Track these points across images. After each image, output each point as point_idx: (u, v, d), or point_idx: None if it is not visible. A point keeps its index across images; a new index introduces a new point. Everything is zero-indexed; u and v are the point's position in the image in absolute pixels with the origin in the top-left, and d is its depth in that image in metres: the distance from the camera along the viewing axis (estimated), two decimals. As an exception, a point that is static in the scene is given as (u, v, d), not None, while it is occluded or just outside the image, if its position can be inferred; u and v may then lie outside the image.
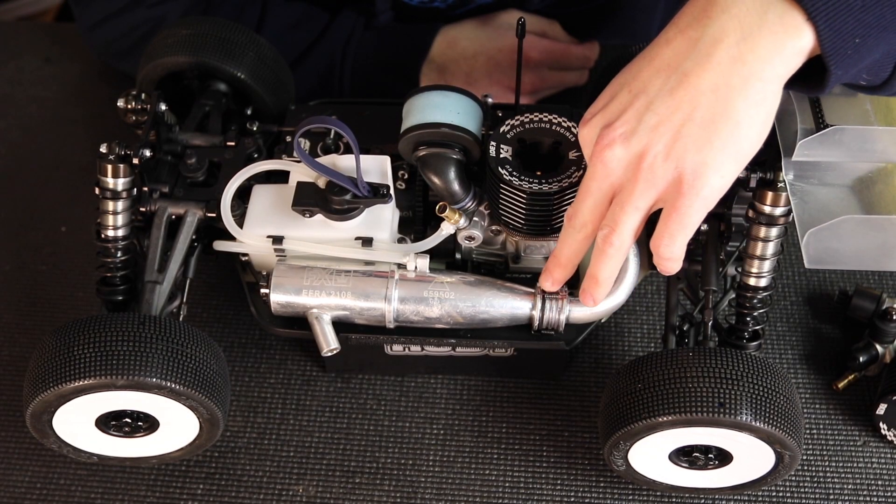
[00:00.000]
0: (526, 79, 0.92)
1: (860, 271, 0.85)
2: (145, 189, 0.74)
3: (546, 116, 0.70)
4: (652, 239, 0.61)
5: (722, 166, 0.58)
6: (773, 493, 0.74)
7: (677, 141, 0.58)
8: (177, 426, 0.71)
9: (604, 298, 0.67)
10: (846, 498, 0.74)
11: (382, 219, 0.71)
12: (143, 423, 0.71)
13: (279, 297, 0.70)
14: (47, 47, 1.07)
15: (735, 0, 0.57)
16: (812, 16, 0.55)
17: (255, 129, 0.78)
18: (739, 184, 0.67)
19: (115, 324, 0.66)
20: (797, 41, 0.56)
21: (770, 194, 0.66)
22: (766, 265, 0.69)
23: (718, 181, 0.59)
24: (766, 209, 0.67)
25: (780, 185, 0.66)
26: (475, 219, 0.71)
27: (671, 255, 0.61)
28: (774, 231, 0.67)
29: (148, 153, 0.73)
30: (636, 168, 0.59)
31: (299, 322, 0.71)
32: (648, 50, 0.60)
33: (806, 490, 0.74)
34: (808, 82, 0.59)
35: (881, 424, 0.75)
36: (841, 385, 0.79)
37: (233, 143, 0.77)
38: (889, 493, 0.74)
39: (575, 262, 0.67)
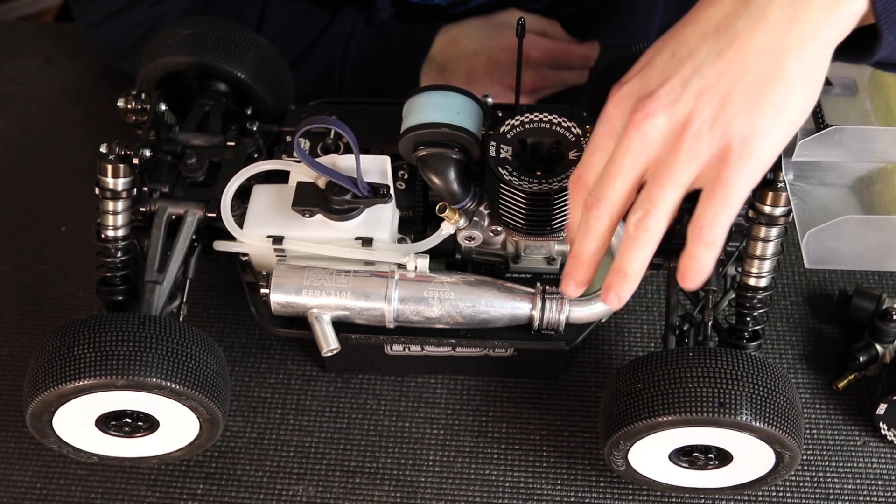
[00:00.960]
0: (526, 77, 0.92)
1: (860, 271, 0.85)
2: (145, 189, 0.74)
3: (546, 116, 0.70)
4: (691, 222, 0.56)
5: (771, 133, 0.54)
6: (773, 493, 0.74)
7: (726, 106, 0.54)
8: (177, 426, 0.71)
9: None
10: (846, 498, 0.74)
11: (382, 219, 0.71)
12: (143, 423, 0.71)
13: (279, 297, 0.70)
14: (47, 47, 1.07)
15: None
16: None
17: (255, 129, 0.78)
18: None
19: (115, 324, 0.66)
20: (851, 4, 0.54)
21: (770, 194, 0.66)
22: (766, 265, 0.69)
23: (767, 150, 0.55)
24: (766, 209, 0.67)
25: (780, 185, 0.66)
26: (475, 219, 0.71)
27: (713, 238, 0.56)
28: (774, 231, 0.67)
29: (148, 153, 0.73)
30: (678, 138, 0.55)
31: (299, 322, 0.71)
32: (693, 13, 0.57)
33: (806, 490, 0.74)
34: (855, 52, 0.57)
35: (881, 424, 0.75)
36: (841, 385, 0.79)
37: (233, 143, 0.77)
38: (889, 493, 0.74)
39: (598, 259, 0.61)
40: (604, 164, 0.58)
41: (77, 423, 0.70)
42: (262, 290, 0.71)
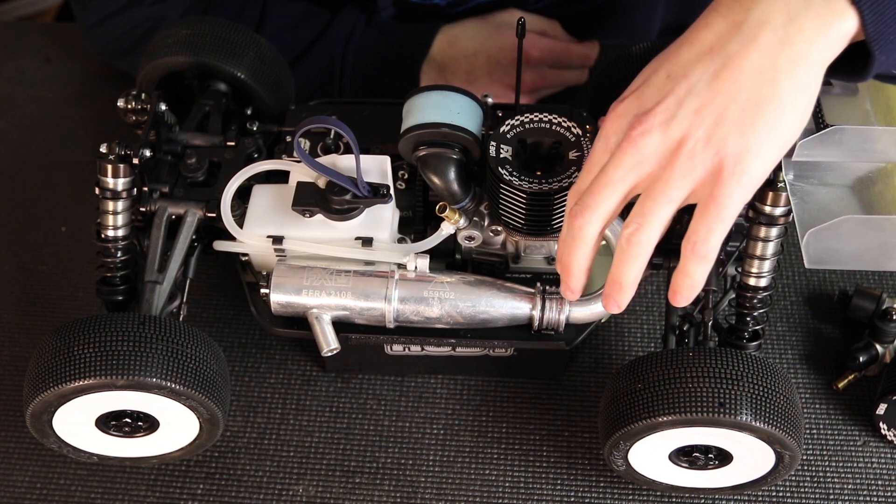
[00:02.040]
0: (526, 77, 0.92)
1: (860, 271, 0.85)
2: (145, 189, 0.74)
3: (546, 116, 0.70)
4: (685, 237, 0.58)
5: (764, 151, 0.56)
6: (773, 493, 0.74)
7: (720, 125, 0.56)
8: (177, 426, 0.71)
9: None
10: (846, 498, 0.74)
11: (382, 219, 0.71)
12: (143, 423, 0.71)
13: (279, 297, 0.70)
14: (47, 47, 1.07)
15: None
16: (856, 0, 0.55)
17: (255, 129, 0.78)
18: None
19: (115, 324, 0.66)
20: (842, 24, 0.55)
21: (770, 194, 0.66)
22: (766, 265, 0.69)
23: (760, 168, 0.56)
24: (766, 209, 0.66)
25: (780, 185, 0.66)
26: (475, 219, 0.71)
27: (706, 253, 0.57)
28: (774, 231, 0.67)
29: (148, 153, 0.73)
30: (673, 155, 0.56)
31: (299, 322, 0.71)
32: (687, 35, 0.59)
33: (806, 490, 0.74)
34: (849, 70, 0.58)
35: (881, 424, 0.75)
36: (841, 385, 0.79)
37: (233, 143, 0.77)
38: (889, 493, 0.74)
39: (586, 265, 0.62)
40: None
41: (77, 423, 0.70)
42: (262, 290, 0.71)
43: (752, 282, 0.70)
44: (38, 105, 1.02)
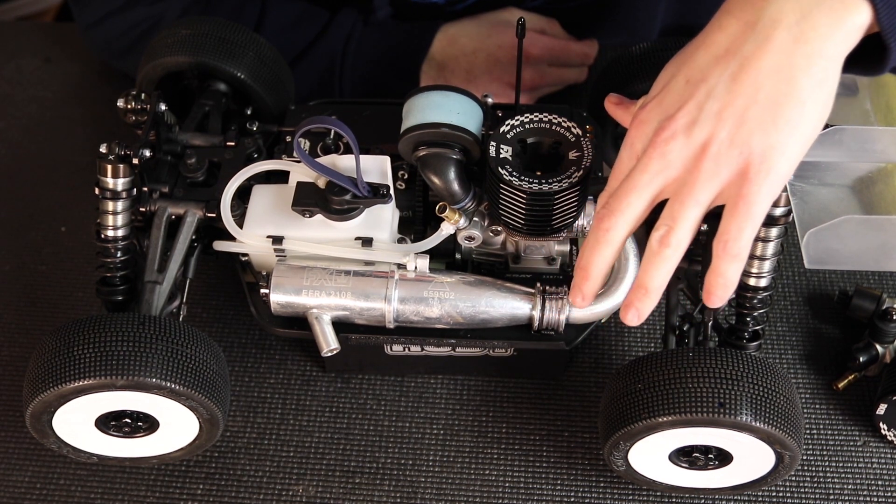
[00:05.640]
0: (526, 75, 0.92)
1: (860, 271, 0.85)
2: (145, 189, 0.74)
3: (546, 116, 0.70)
4: (716, 238, 0.58)
5: (788, 149, 0.56)
6: (773, 493, 0.74)
7: (742, 125, 0.56)
8: (177, 426, 0.71)
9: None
10: (846, 498, 0.74)
11: (382, 219, 0.71)
12: (143, 424, 0.71)
13: (279, 297, 0.70)
14: (47, 47, 1.07)
15: None
16: None
17: (255, 129, 0.78)
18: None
19: (115, 324, 0.66)
20: (856, 17, 0.55)
21: (770, 194, 0.66)
22: (766, 265, 0.69)
23: (785, 164, 0.57)
24: (766, 209, 0.66)
25: (780, 185, 0.66)
26: (475, 219, 0.71)
27: (738, 252, 0.57)
28: (774, 231, 0.67)
29: (148, 153, 0.73)
30: (698, 158, 0.57)
31: (299, 322, 0.71)
32: (701, 37, 0.59)
33: (806, 490, 0.74)
34: (865, 64, 0.59)
35: (881, 424, 0.75)
36: (841, 385, 0.79)
37: (233, 143, 0.77)
38: (889, 493, 0.74)
39: (605, 272, 0.62)
40: None
41: (77, 423, 0.70)
42: (262, 290, 0.71)
43: (751, 282, 0.70)
44: (37, 105, 1.02)
